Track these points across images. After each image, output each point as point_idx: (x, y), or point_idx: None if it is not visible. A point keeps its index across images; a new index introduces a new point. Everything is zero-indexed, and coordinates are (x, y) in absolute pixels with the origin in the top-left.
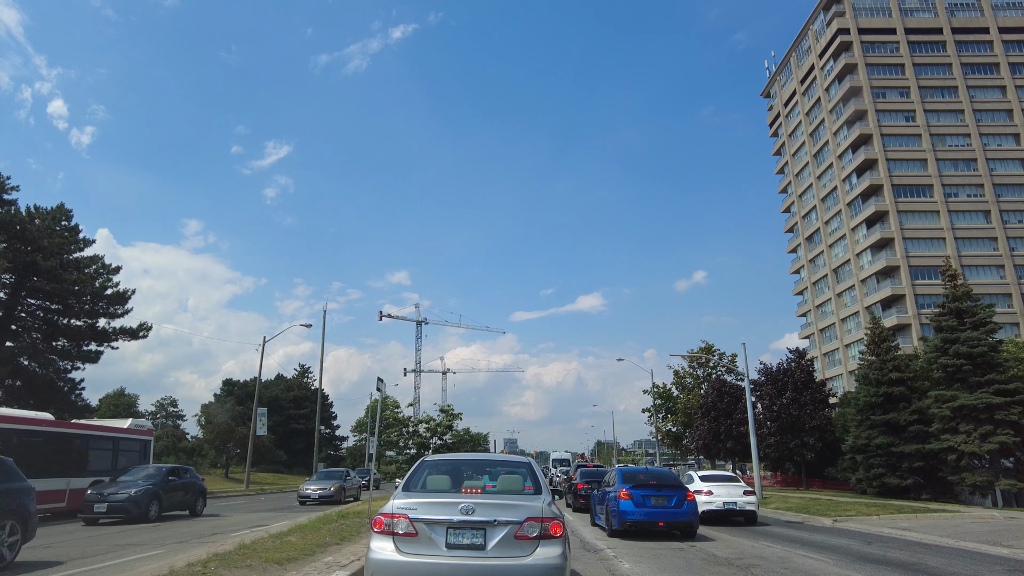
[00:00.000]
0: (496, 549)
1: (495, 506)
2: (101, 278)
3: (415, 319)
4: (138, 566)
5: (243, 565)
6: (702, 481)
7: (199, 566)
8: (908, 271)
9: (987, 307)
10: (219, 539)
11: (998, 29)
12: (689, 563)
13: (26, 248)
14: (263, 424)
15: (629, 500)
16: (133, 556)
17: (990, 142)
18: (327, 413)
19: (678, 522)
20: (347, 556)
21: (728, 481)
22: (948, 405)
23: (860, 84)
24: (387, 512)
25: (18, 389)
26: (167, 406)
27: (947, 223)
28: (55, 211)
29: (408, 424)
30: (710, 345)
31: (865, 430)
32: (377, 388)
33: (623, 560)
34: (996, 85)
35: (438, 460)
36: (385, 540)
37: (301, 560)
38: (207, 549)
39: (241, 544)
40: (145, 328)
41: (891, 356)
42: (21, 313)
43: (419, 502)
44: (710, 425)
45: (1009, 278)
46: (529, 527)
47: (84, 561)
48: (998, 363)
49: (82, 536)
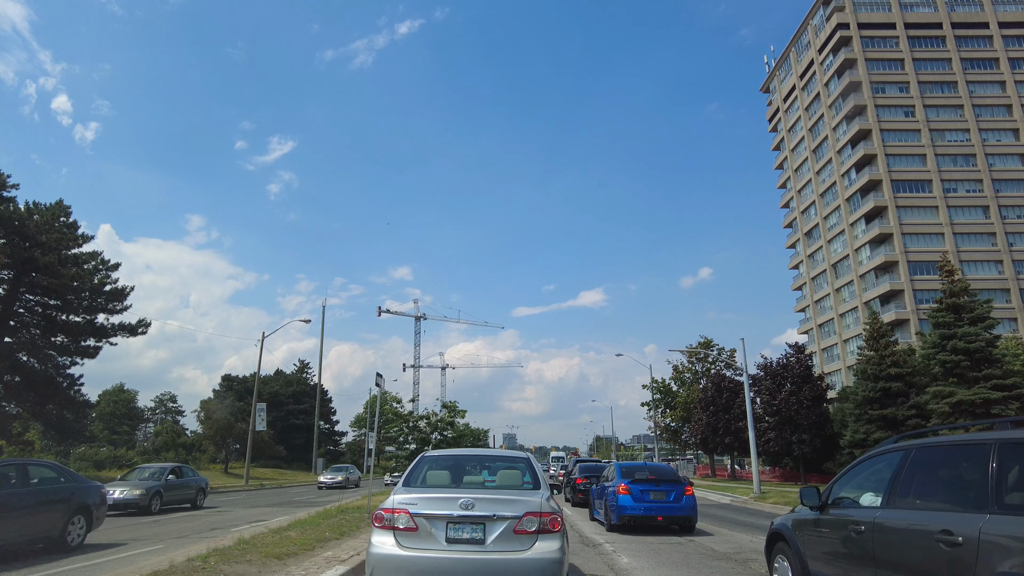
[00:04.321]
0: (495, 543)
1: (494, 501)
2: (100, 274)
3: (414, 315)
4: (138, 561)
5: (242, 560)
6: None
7: (199, 561)
8: (907, 266)
9: (985, 302)
10: (218, 534)
11: (998, 24)
12: (688, 557)
13: (24, 244)
14: (262, 419)
15: (628, 495)
16: (133, 551)
17: (989, 137)
18: (326, 408)
19: (676, 517)
20: (346, 551)
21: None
22: (946, 401)
23: (859, 79)
24: (388, 507)
25: (17, 385)
26: (166, 401)
27: (946, 218)
28: (54, 207)
29: (409, 420)
30: (709, 340)
31: (863, 425)
32: (376, 383)
33: (622, 554)
34: (996, 80)
35: (438, 455)
36: (386, 535)
37: (300, 555)
38: (206, 544)
39: (240, 539)
40: (144, 324)
41: (889, 351)
42: (19, 309)
43: (419, 497)
44: (708, 420)
45: (1007, 274)
46: (528, 522)
47: (83, 557)
48: (996, 358)
49: None
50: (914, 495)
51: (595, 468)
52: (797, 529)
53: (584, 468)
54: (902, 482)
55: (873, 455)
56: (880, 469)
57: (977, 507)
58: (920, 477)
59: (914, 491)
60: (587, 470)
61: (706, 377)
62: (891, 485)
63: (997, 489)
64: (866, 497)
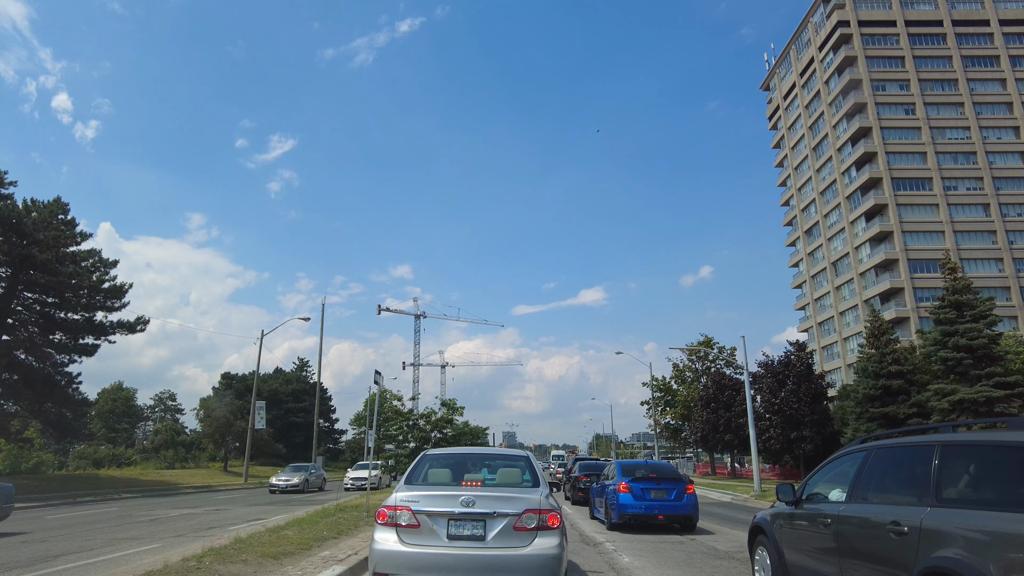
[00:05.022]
0: (496, 540)
1: (494, 498)
2: (98, 272)
3: (413, 313)
4: (133, 560)
5: (238, 560)
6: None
7: (194, 560)
8: (907, 264)
9: (987, 300)
10: (216, 533)
11: (999, 21)
12: (690, 557)
13: (22, 241)
14: (261, 417)
15: (628, 493)
16: (129, 550)
17: (990, 135)
18: (326, 407)
19: (678, 515)
20: (344, 551)
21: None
22: (948, 399)
23: (860, 77)
24: (390, 504)
25: (15, 383)
26: (165, 399)
27: (946, 216)
28: (52, 204)
29: (409, 418)
30: (709, 338)
31: (864, 423)
32: (375, 381)
33: (623, 554)
34: (996, 78)
35: (439, 454)
36: (388, 531)
37: (297, 554)
38: (202, 543)
39: (237, 538)
40: (143, 321)
41: (891, 349)
42: (17, 307)
43: (421, 495)
44: (709, 418)
45: (1008, 271)
46: (527, 519)
47: (80, 555)
48: (998, 356)
49: (79, 529)
50: (873, 491)
51: (594, 466)
52: (775, 522)
53: (584, 466)
54: (863, 479)
55: (841, 455)
56: (846, 468)
57: (921, 501)
58: (878, 475)
59: (873, 487)
60: (587, 468)
61: (706, 375)
62: (854, 482)
63: (937, 485)
64: (834, 493)
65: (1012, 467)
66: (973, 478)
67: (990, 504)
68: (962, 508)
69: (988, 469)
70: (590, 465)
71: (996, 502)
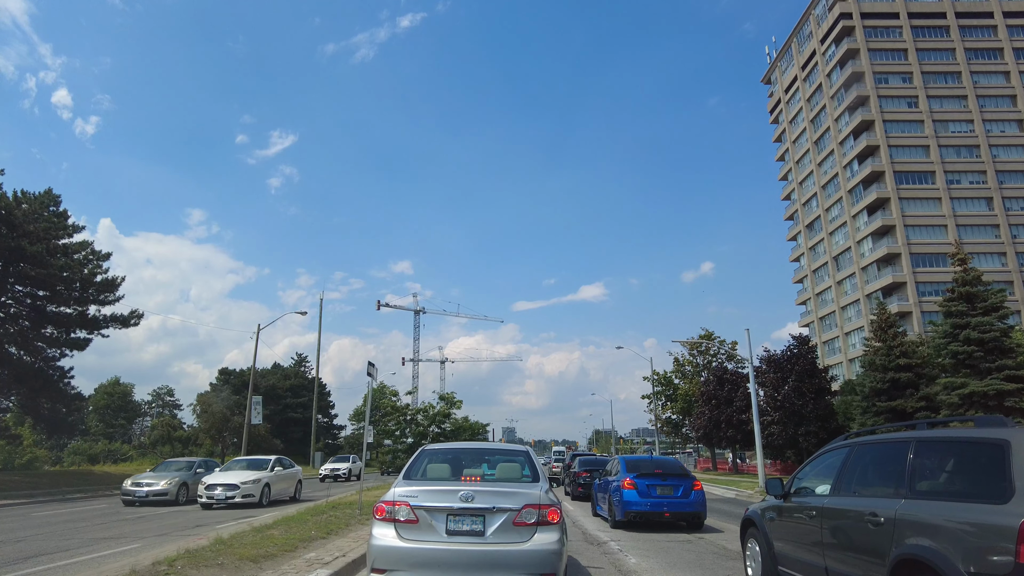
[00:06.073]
0: (495, 535)
1: (494, 493)
2: (91, 264)
3: (413, 308)
4: (105, 563)
5: (213, 563)
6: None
7: (165, 564)
8: (909, 258)
9: (998, 292)
10: (202, 531)
11: (1003, 14)
12: (700, 557)
13: (12, 233)
14: (258, 413)
15: (633, 490)
16: (106, 551)
17: (993, 128)
18: (325, 402)
19: (685, 513)
20: (331, 552)
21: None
22: (957, 392)
23: (862, 70)
24: (389, 500)
25: (6, 378)
26: (163, 395)
27: (949, 210)
28: (42, 196)
29: (406, 412)
30: (710, 332)
31: (871, 417)
32: (368, 373)
33: (629, 554)
34: (1000, 71)
35: (438, 449)
36: (387, 527)
37: (280, 557)
38: (181, 544)
39: (217, 539)
40: (137, 315)
41: (898, 342)
42: (7, 300)
43: (420, 490)
44: (710, 413)
45: (1011, 265)
46: (527, 514)
47: (53, 556)
48: (1010, 348)
49: (61, 528)
50: (854, 484)
51: (596, 462)
52: (765, 515)
53: (583, 462)
54: (846, 473)
55: (827, 450)
56: (831, 463)
57: (896, 493)
58: (859, 469)
59: (855, 481)
60: (587, 463)
61: (707, 370)
62: (838, 476)
63: (911, 478)
64: (819, 487)
65: (978, 461)
66: (944, 472)
67: (958, 496)
68: (933, 500)
69: (957, 463)
70: (590, 460)
71: (964, 494)
